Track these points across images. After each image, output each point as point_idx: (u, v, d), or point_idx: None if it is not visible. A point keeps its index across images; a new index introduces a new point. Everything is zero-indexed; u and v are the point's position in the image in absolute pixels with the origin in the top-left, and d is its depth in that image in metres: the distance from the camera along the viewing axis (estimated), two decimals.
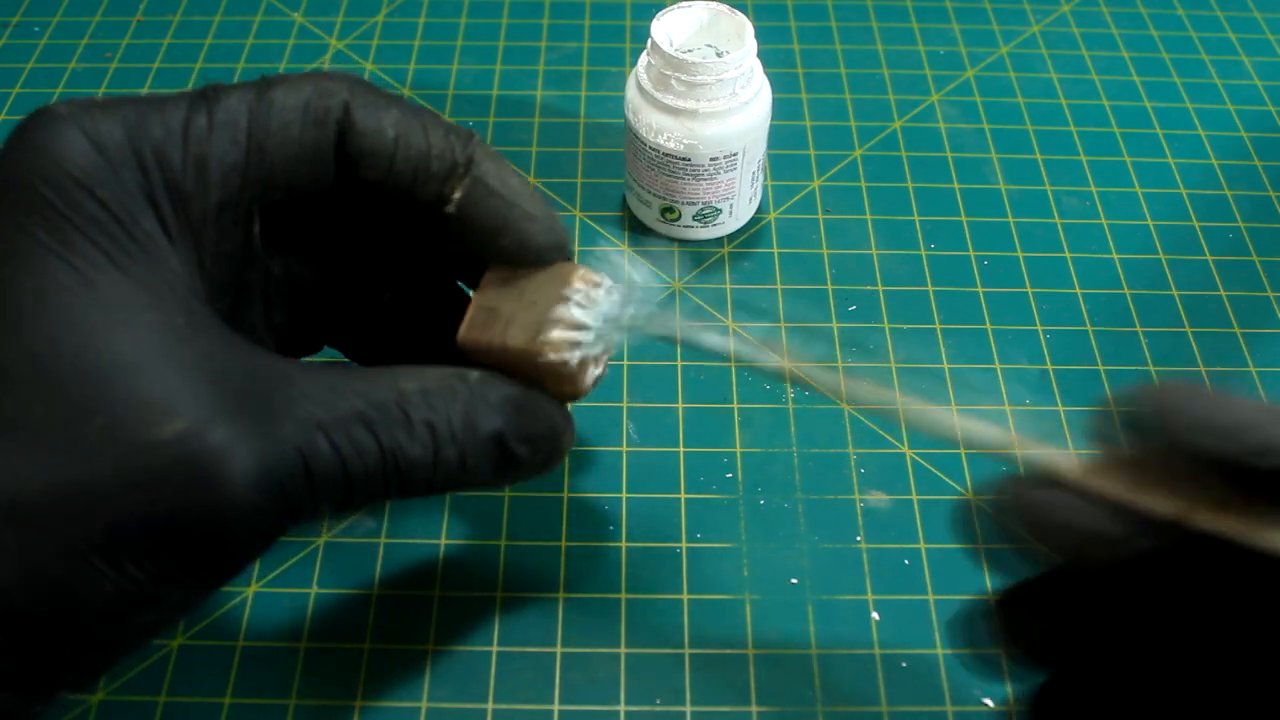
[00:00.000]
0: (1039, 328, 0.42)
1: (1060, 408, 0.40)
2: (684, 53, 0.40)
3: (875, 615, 0.35)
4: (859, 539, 0.36)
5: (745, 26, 0.41)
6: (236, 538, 0.23)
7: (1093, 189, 0.48)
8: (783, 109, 0.46)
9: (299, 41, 0.54)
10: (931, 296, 0.43)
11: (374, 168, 0.25)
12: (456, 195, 0.26)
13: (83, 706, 0.33)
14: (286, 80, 0.25)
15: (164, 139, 0.24)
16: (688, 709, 0.33)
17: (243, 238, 0.25)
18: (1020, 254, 0.45)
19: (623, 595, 0.35)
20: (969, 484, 0.37)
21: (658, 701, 0.33)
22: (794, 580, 0.35)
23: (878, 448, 0.39)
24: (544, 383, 0.27)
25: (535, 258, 0.27)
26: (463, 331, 0.28)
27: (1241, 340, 0.42)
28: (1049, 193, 0.47)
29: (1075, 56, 0.54)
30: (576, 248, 0.45)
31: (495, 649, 0.34)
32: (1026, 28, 0.55)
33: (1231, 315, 0.43)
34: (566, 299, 0.26)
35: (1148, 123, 0.51)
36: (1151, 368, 0.41)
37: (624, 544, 0.36)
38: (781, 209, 0.46)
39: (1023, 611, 0.23)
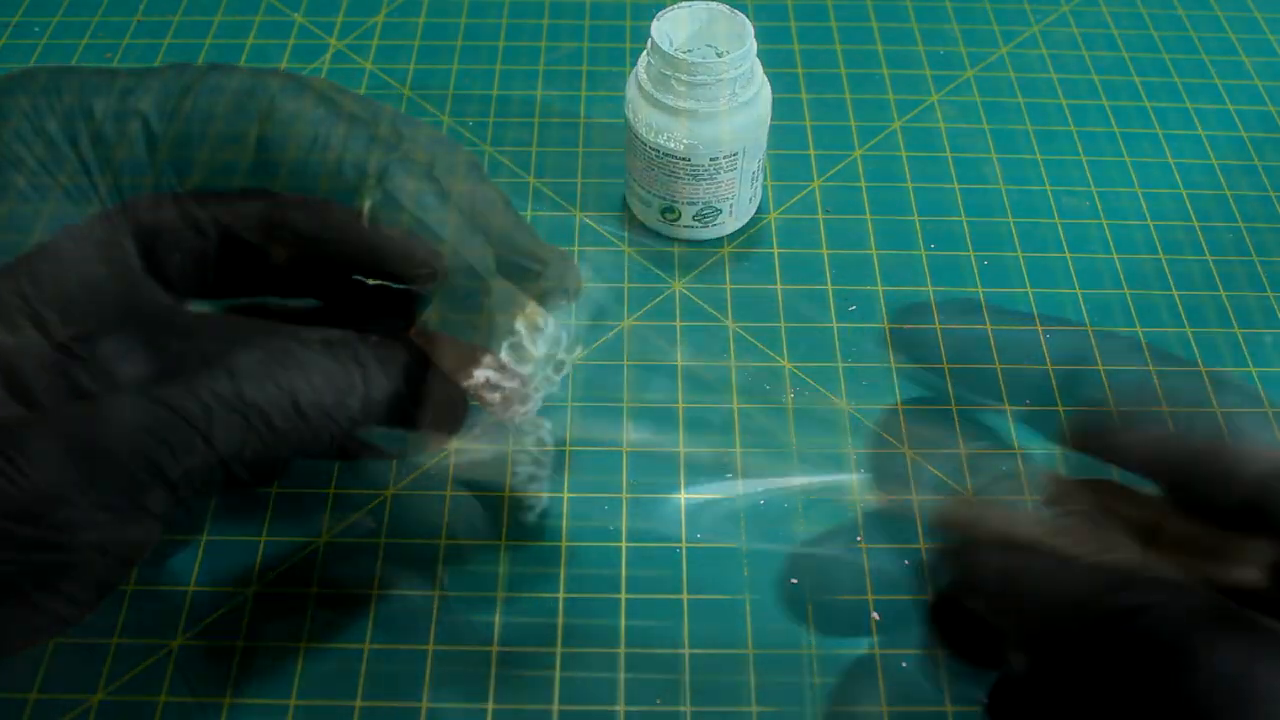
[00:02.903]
0: (1039, 328, 0.42)
1: (1060, 408, 0.40)
2: (684, 53, 0.40)
3: (875, 615, 0.35)
4: (859, 539, 0.36)
5: (745, 26, 0.41)
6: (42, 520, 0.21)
7: (1093, 189, 0.48)
8: (783, 109, 0.46)
9: (299, 41, 0.54)
10: (931, 296, 0.43)
11: (284, 163, 0.25)
12: (365, 207, 0.25)
13: (83, 706, 0.33)
14: (236, 68, 0.25)
15: (107, 102, 0.24)
16: (688, 709, 0.33)
17: (168, 206, 0.26)
18: (1020, 254, 0.45)
19: (623, 595, 0.35)
20: (969, 484, 0.37)
21: (658, 701, 0.33)
22: (794, 580, 0.35)
23: (878, 448, 0.39)
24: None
25: (431, 283, 0.26)
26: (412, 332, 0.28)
27: (1241, 340, 0.42)
28: (1049, 193, 0.47)
29: (1075, 56, 0.54)
30: (576, 248, 0.45)
31: (495, 649, 0.34)
32: (1026, 28, 0.55)
33: (1231, 315, 0.43)
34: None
35: (1148, 123, 0.51)
36: (1151, 368, 0.41)
37: (624, 544, 0.36)
38: (781, 209, 0.46)
39: (955, 615, 0.23)
